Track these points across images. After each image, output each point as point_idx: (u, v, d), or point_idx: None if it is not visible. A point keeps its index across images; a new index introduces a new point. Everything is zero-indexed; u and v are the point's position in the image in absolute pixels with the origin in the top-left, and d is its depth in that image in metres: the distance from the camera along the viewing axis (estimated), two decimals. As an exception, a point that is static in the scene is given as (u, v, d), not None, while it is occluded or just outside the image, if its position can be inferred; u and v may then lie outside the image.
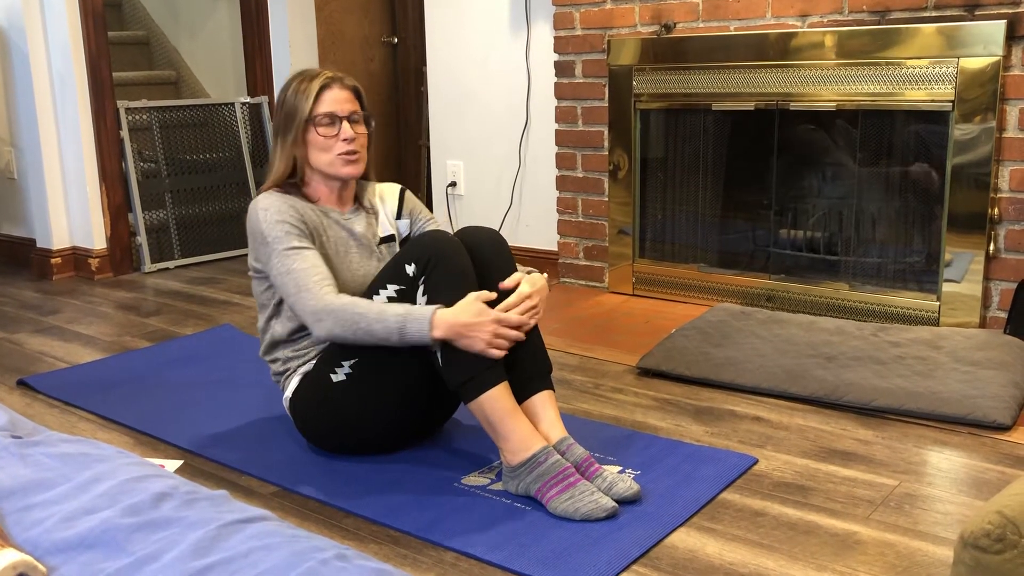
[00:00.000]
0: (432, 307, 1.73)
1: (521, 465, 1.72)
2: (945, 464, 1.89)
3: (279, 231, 1.87)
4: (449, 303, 1.75)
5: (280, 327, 1.96)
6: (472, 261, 1.85)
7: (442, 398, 1.94)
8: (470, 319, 1.71)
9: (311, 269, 1.83)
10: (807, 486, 1.80)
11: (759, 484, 1.82)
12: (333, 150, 1.93)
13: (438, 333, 1.70)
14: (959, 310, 2.64)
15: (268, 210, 1.89)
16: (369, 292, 1.85)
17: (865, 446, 1.98)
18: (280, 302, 1.95)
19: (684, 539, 1.61)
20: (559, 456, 1.72)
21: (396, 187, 2.12)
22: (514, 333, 1.76)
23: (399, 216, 2.10)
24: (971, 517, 0.97)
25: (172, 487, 1.23)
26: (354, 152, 1.94)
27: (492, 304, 1.77)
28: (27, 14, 3.68)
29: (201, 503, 1.20)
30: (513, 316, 1.77)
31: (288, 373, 1.98)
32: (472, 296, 1.76)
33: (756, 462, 1.91)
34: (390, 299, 1.81)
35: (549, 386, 1.85)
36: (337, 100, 1.94)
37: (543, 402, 1.82)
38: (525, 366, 1.83)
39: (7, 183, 4.07)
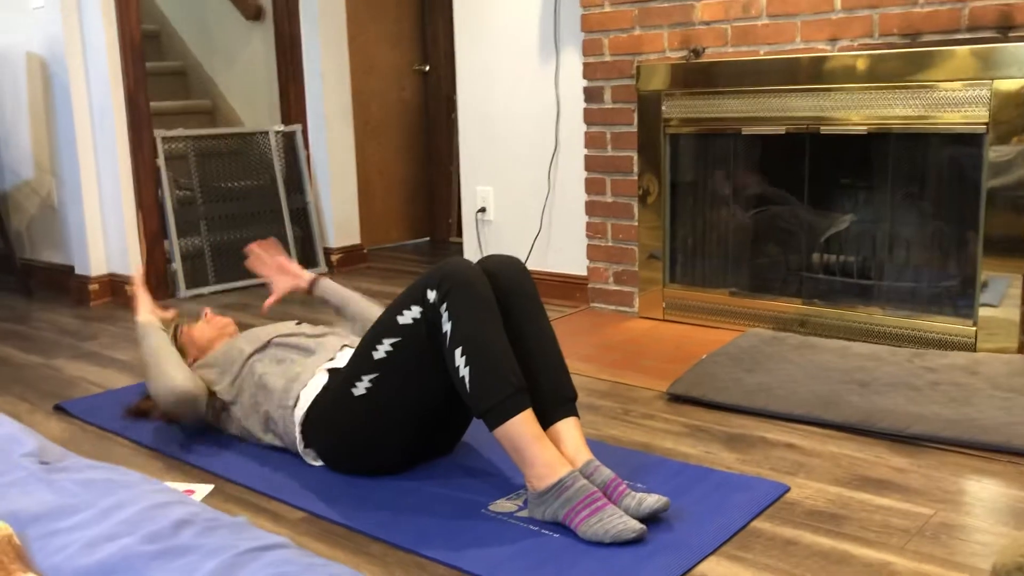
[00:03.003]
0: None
1: (547, 491, 1.70)
2: (983, 493, 1.84)
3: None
4: (474, 327, 1.76)
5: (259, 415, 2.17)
6: (493, 287, 1.86)
7: (458, 413, 1.97)
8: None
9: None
10: (840, 515, 1.77)
11: (791, 512, 1.79)
12: (201, 319, 2.43)
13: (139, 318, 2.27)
14: (997, 335, 2.58)
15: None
16: (392, 312, 1.86)
17: (900, 474, 1.94)
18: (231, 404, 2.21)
19: (714, 568, 1.59)
20: (585, 480, 1.71)
21: None
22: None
23: None
24: (1003, 548, 0.94)
25: (193, 514, 1.23)
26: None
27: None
28: (68, 46, 3.77)
29: (221, 531, 1.20)
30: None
31: (290, 407, 2.04)
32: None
33: (788, 490, 1.88)
34: (415, 319, 1.82)
35: (574, 412, 1.85)
36: None
37: (568, 428, 1.82)
38: (549, 393, 1.83)
39: (48, 211, 4.15)
